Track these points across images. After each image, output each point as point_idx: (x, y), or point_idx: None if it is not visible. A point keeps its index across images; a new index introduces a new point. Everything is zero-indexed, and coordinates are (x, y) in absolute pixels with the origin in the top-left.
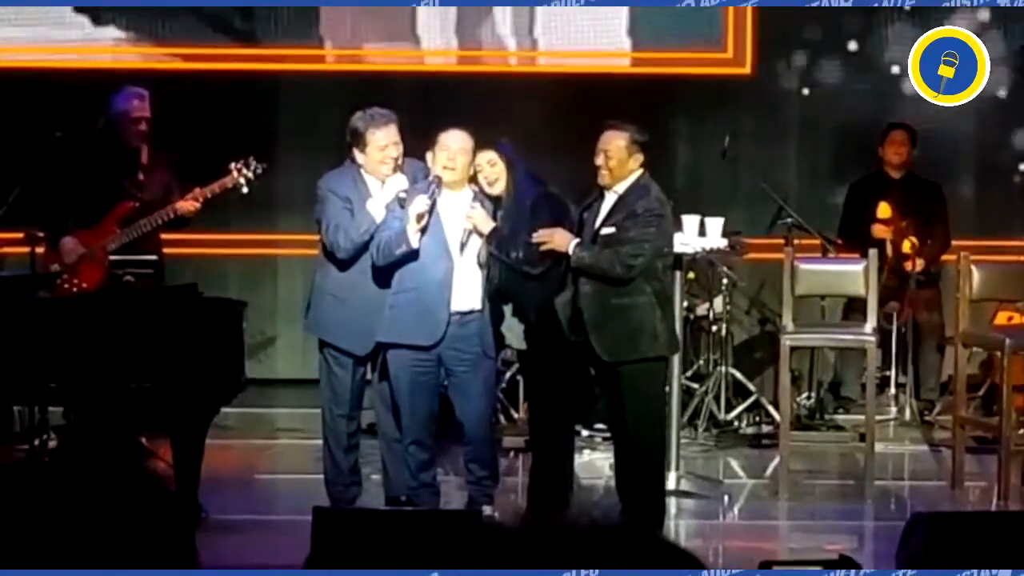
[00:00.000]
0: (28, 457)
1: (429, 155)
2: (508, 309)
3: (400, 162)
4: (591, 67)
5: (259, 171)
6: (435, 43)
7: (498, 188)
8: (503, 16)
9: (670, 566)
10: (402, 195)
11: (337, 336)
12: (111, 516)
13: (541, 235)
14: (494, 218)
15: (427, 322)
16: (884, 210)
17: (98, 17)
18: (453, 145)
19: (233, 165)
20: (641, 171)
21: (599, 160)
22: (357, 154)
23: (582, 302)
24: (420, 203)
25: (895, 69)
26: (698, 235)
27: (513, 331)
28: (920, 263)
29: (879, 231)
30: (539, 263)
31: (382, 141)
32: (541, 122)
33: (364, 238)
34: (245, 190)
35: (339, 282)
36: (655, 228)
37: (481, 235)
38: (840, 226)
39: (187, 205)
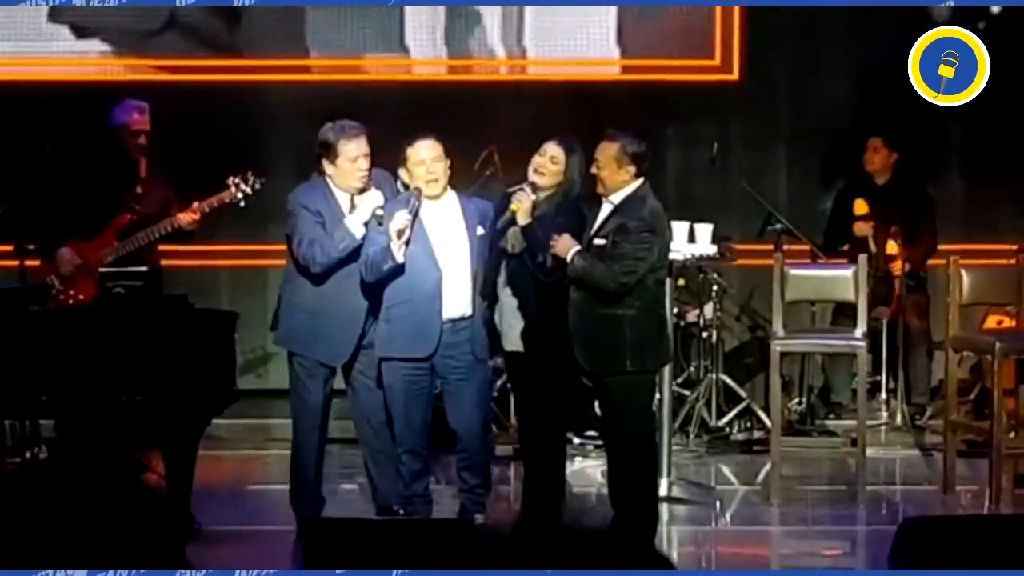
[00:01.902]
0: (19, 470)
1: (402, 172)
2: (513, 303)
3: (370, 175)
4: (580, 75)
5: (257, 186)
6: (424, 53)
7: (544, 182)
8: (492, 25)
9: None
10: (379, 212)
11: (313, 348)
12: (103, 527)
13: (553, 240)
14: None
15: (421, 334)
16: (861, 207)
17: (81, 30)
18: (428, 156)
19: (231, 180)
20: (639, 182)
21: (593, 168)
22: (327, 165)
23: (569, 309)
24: (400, 219)
25: (885, 72)
26: (687, 241)
27: (512, 330)
28: (907, 266)
29: (859, 228)
30: (554, 273)
31: (353, 153)
32: (530, 130)
33: (342, 254)
34: (243, 204)
35: (313, 296)
36: (648, 244)
37: (515, 224)
38: (825, 231)
39: (187, 217)
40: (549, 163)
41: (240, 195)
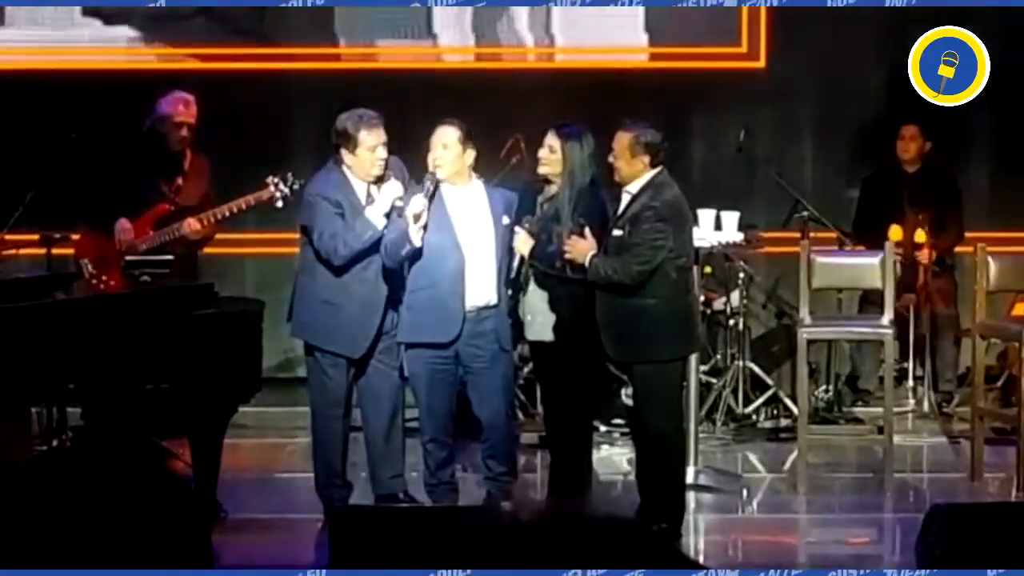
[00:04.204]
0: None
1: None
2: (541, 296)
3: (387, 165)
4: (607, 63)
5: (295, 187)
6: (452, 40)
7: (546, 171)
8: (520, 12)
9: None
10: (399, 203)
11: (332, 341)
12: (130, 515)
13: (567, 244)
14: (539, 206)
15: (443, 319)
16: (896, 233)
17: (110, 17)
18: (436, 142)
19: (271, 179)
20: (655, 171)
21: (610, 158)
22: (345, 155)
23: (597, 300)
24: (416, 203)
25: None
26: (714, 229)
27: (542, 322)
28: (933, 254)
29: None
30: (579, 271)
31: (372, 142)
32: (558, 118)
33: (365, 245)
34: (280, 204)
35: (329, 287)
36: (661, 233)
37: (523, 262)
38: (854, 221)
39: (193, 225)
40: (548, 153)
41: (279, 194)
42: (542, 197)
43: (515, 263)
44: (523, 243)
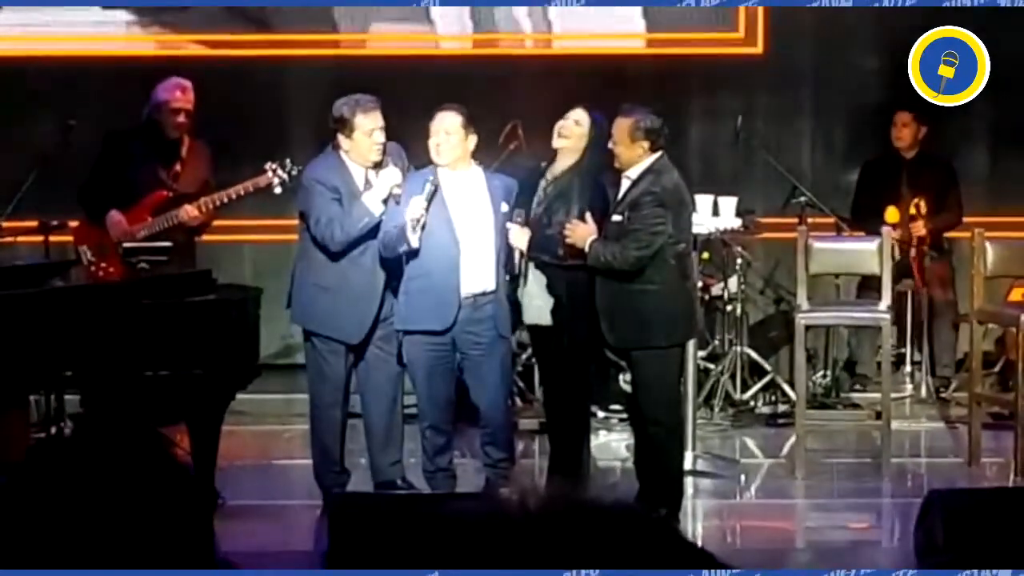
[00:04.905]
0: (44, 445)
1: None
2: (540, 280)
3: (384, 149)
4: (605, 49)
5: (293, 172)
6: (450, 27)
7: (563, 144)
8: None
9: (680, 561)
10: (397, 190)
11: (329, 326)
12: (132, 502)
13: (568, 229)
14: (542, 189)
15: (438, 306)
16: (892, 215)
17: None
18: (438, 127)
19: (269, 165)
20: (655, 156)
21: (610, 143)
22: (342, 140)
23: (597, 287)
24: (416, 207)
25: (909, 44)
26: (712, 215)
27: (540, 306)
28: (928, 225)
29: (887, 235)
30: (577, 258)
31: (369, 126)
32: (555, 104)
33: (361, 232)
34: (278, 191)
35: (327, 272)
36: (660, 219)
37: (523, 256)
38: (852, 206)
39: (190, 212)
40: (572, 125)
41: (277, 180)
42: (544, 181)
43: (515, 258)
44: (518, 237)
